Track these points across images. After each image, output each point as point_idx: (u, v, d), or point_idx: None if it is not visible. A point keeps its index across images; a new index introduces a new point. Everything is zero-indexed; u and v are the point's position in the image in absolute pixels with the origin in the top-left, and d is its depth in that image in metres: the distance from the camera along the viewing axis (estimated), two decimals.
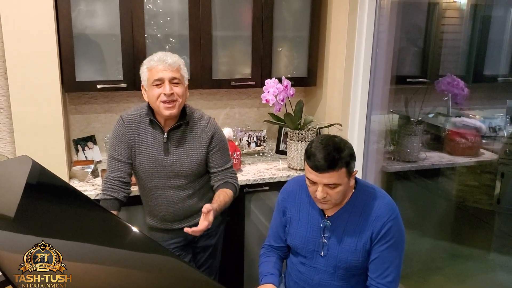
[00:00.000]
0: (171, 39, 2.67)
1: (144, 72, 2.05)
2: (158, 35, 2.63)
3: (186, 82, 2.10)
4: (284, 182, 2.12)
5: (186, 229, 1.89)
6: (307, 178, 1.73)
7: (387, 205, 1.77)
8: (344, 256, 1.78)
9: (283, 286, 2.03)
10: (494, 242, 3.56)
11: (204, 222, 1.90)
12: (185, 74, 2.09)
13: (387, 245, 1.74)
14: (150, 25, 2.60)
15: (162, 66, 1.99)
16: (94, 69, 2.58)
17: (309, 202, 1.87)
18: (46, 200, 1.70)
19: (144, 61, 2.07)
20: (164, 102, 2.00)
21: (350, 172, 1.70)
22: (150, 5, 2.58)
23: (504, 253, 3.40)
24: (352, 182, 1.77)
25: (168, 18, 2.64)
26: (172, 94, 2.00)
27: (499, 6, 3.47)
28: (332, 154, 1.64)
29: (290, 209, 1.92)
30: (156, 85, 2.00)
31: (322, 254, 1.82)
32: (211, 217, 1.93)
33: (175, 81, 2.02)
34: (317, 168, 1.66)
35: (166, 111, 2.02)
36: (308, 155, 1.69)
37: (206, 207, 1.92)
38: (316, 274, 1.84)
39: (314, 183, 1.71)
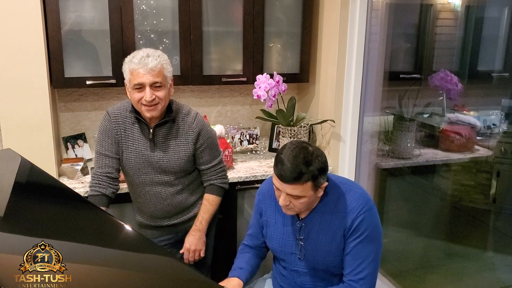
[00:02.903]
0: (160, 35, 2.64)
1: (126, 72, 1.98)
2: (148, 31, 2.61)
3: (170, 82, 2.04)
4: None
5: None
6: (273, 182, 1.69)
7: (358, 198, 1.71)
8: (320, 258, 1.74)
9: None
10: (490, 241, 3.54)
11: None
12: (169, 73, 2.02)
13: (359, 239, 1.67)
14: (139, 21, 2.57)
15: (143, 71, 1.92)
16: (83, 65, 2.55)
17: None
18: (36, 199, 1.67)
19: (126, 59, 1.99)
20: (145, 105, 1.97)
21: (317, 186, 1.63)
22: (139, 1, 2.55)
23: (500, 252, 3.39)
24: (321, 192, 1.70)
25: (158, 14, 2.61)
26: (153, 99, 1.95)
27: (493, 7, 3.48)
28: (299, 167, 1.57)
29: (266, 211, 1.88)
30: (137, 88, 1.95)
31: (299, 256, 1.79)
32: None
33: (157, 84, 1.95)
34: (281, 178, 1.61)
35: (147, 113, 1.99)
36: (276, 162, 1.63)
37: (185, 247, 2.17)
38: (297, 277, 1.82)
39: (278, 189, 1.66)
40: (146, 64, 1.92)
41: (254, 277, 2.15)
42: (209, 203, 2.20)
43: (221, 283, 1.80)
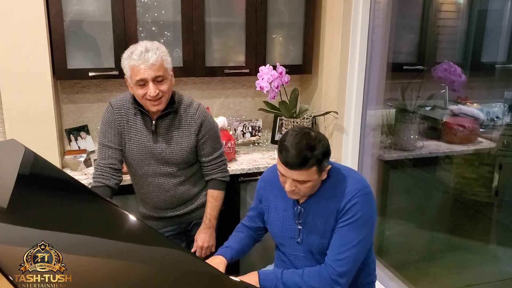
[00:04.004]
0: (162, 27, 2.63)
1: (126, 68, 1.94)
2: (149, 23, 2.60)
3: (171, 73, 2.01)
4: None
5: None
6: (278, 169, 1.70)
7: (355, 183, 1.72)
8: (315, 241, 1.76)
9: None
10: (492, 233, 3.54)
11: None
12: (169, 64, 1.99)
13: (348, 222, 1.68)
14: (141, 12, 2.57)
15: (144, 66, 1.88)
16: (85, 56, 2.55)
17: None
18: (40, 189, 1.66)
19: (124, 55, 1.95)
20: (150, 100, 1.96)
21: (321, 169, 1.66)
22: None
23: (502, 244, 3.39)
24: (324, 175, 1.72)
25: (160, 6, 2.60)
26: (157, 94, 1.94)
27: None
28: (304, 152, 1.60)
29: (268, 198, 1.91)
30: (140, 85, 1.93)
31: (298, 240, 1.81)
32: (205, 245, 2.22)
33: (159, 79, 1.93)
34: (287, 164, 1.63)
35: (152, 107, 1.98)
36: (281, 149, 1.65)
37: (199, 245, 2.21)
38: (296, 262, 1.84)
39: (284, 175, 1.68)
40: (147, 60, 1.89)
41: (255, 267, 2.17)
42: (214, 199, 2.21)
43: (207, 261, 1.84)
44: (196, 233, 2.28)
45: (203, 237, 2.20)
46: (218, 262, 1.85)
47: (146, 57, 1.89)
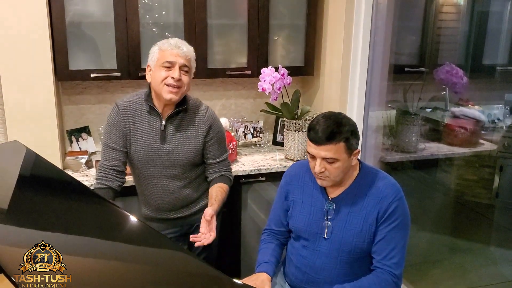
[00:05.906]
0: (164, 27, 2.63)
1: (155, 52, 2.00)
2: (151, 23, 2.60)
3: (192, 75, 2.07)
4: (281, 172, 2.08)
5: (193, 239, 1.89)
6: (308, 152, 1.74)
7: (392, 186, 1.76)
8: (349, 239, 1.76)
9: (282, 273, 1.99)
10: (492, 235, 3.54)
11: (212, 235, 1.90)
12: (194, 66, 2.07)
13: (393, 225, 1.72)
14: (144, 13, 2.57)
15: (177, 52, 1.97)
16: (87, 57, 2.55)
17: (313, 185, 1.85)
18: (42, 190, 1.66)
19: (158, 43, 2.03)
20: (168, 85, 1.96)
21: (350, 149, 1.69)
22: None
23: (503, 246, 3.39)
24: (355, 161, 1.76)
25: (163, 6, 2.61)
26: (179, 80, 1.96)
27: (496, 0, 3.48)
28: (331, 127, 1.65)
29: (293, 192, 1.90)
30: (166, 67, 1.96)
31: (325, 236, 1.79)
32: (214, 222, 1.94)
33: (185, 69, 1.99)
34: (315, 141, 1.67)
35: (168, 94, 1.97)
36: (309, 128, 1.71)
37: (208, 213, 1.90)
38: (318, 258, 1.81)
39: (313, 157, 1.71)
40: (181, 48, 1.98)
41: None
42: (224, 190, 2.13)
43: (249, 278, 1.80)
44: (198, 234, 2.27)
45: (211, 212, 1.93)
46: (264, 279, 1.80)
47: (180, 46, 1.99)
